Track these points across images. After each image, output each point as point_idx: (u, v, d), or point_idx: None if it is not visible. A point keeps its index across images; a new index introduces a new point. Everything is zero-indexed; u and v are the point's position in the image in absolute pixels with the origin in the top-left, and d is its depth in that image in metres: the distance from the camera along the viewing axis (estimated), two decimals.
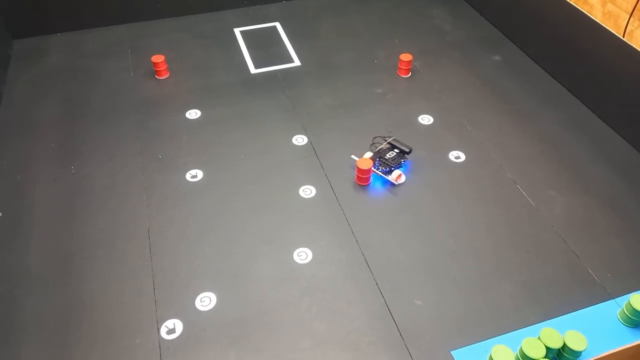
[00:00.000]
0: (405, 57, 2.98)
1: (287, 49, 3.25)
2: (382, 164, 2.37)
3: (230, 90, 2.91)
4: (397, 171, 2.33)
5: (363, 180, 2.32)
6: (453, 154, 2.52)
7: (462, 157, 2.51)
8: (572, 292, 1.93)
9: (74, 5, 3.28)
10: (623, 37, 2.48)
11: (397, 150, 2.41)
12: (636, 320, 1.79)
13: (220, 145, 2.56)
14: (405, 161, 2.42)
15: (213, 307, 1.89)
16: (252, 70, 3.07)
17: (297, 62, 3.13)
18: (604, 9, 2.57)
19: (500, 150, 2.54)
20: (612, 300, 1.90)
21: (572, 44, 2.81)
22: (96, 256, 2.06)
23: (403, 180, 2.33)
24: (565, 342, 1.67)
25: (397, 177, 2.31)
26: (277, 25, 3.48)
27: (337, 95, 2.88)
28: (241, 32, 3.40)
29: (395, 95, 2.89)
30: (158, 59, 2.96)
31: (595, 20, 2.62)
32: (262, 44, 3.30)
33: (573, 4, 2.74)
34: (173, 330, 1.82)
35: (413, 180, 2.38)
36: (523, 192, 2.32)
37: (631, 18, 2.42)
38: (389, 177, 2.33)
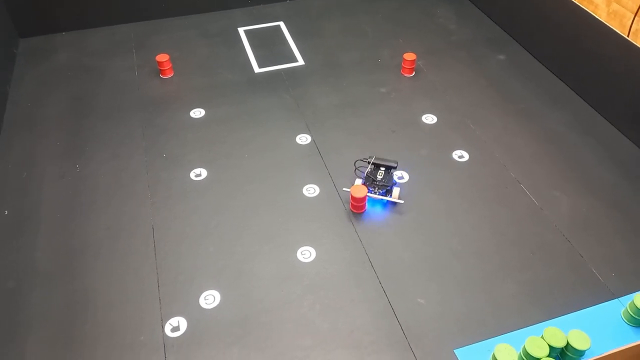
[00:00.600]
0: (409, 56, 2.98)
1: (291, 48, 3.25)
2: (376, 186, 2.23)
3: (234, 90, 2.92)
4: (397, 188, 2.25)
5: (359, 208, 2.20)
6: (457, 154, 2.52)
7: (466, 156, 2.50)
8: (575, 292, 1.93)
9: (80, 4, 3.30)
10: (628, 36, 2.47)
11: (384, 169, 2.28)
12: None
13: (224, 144, 2.57)
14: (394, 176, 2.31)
15: (217, 305, 1.90)
16: (256, 69, 3.08)
17: (301, 62, 3.14)
18: (608, 9, 2.56)
19: (504, 150, 2.53)
20: (616, 299, 1.90)
21: (577, 43, 2.80)
22: (101, 253, 2.07)
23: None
24: (569, 341, 1.67)
25: (397, 195, 2.24)
26: (281, 24, 3.48)
27: (340, 95, 2.88)
28: (245, 32, 3.41)
29: (399, 95, 2.89)
30: (163, 58, 2.97)
31: (600, 19, 2.61)
32: (266, 43, 3.31)
33: (578, 4, 2.74)
34: (177, 328, 1.83)
35: (417, 179, 2.38)
36: (527, 191, 2.32)
37: (636, 17, 2.41)
38: (390, 197, 2.23)
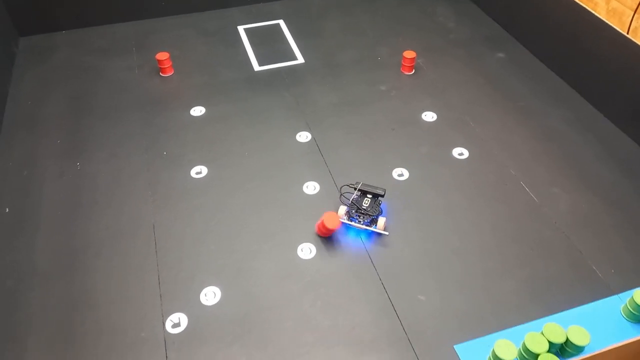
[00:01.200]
0: (409, 54, 2.99)
1: (290, 47, 3.26)
2: (361, 215, 2.10)
3: (234, 88, 2.92)
4: (383, 218, 2.10)
5: (325, 234, 2.07)
6: (456, 151, 2.52)
7: (466, 154, 2.51)
8: (575, 288, 1.94)
9: (79, 3, 3.30)
10: (627, 34, 2.48)
11: (370, 196, 2.15)
12: (639, 315, 1.80)
13: (224, 142, 2.58)
14: (381, 204, 2.16)
15: (218, 302, 1.90)
16: (256, 67, 3.08)
17: (300, 60, 3.14)
18: (608, 6, 2.57)
19: (503, 148, 2.54)
20: (615, 296, 1.90)
21: (576, 41, 2.81)
22: (102, 251, 2.07)
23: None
24: (568, 337, 1.68)
25: (383, 226, 2.09)
26: (281, 22, 3.49)
27: (340, 93, 2.89)
28: (245, 30, 3.41)
29: (398, 93, 2.90)
30: (162, 56, 2.97)
31: (600, 17, 2.61)
32: (266, 41, 3.31)
33: (577, 1, 2.74)
34: (178, 324, 1.83)
35: (417, 176, 2.39)
36: (527, 188, 2.33)
37: (635, 15, 2.42)
38: (375, 228, 2.09)
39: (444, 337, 1.79)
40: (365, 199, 2.15)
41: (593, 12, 2.65)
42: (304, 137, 2.61)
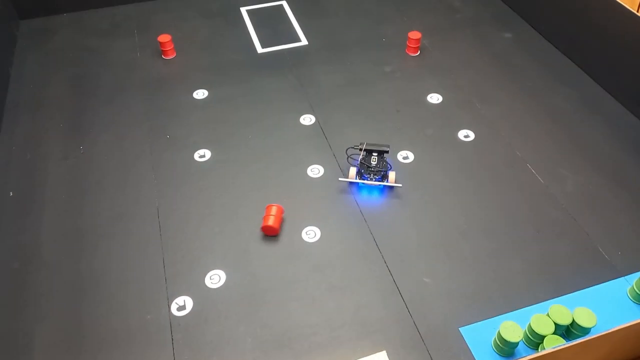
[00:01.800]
0: (414, 35, 2.94)
1: (294, 28, 3.21)
2: (372, 172, 2.19)
3: (237, 70, 2.89)
4: (392, 172, 2.21)
5: (270, 232, 2.05)
6: (462, 133, 2.49)
7: (472, 135, 2.48)
8: (581, 270, 1.92)
9: None
10: (638, 12, 2.42)
11: (376, 154, 2.24)
12: None
13: (227, 124, 2.56)
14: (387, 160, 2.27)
15: (223, 284, 1.90)
16: (259, 49, 3.05)
17: (304, 41, 3.10)
18: None
19: (510, 129, 2.51)
20: (622, 278, 1.89)
21: (585, 20, 2.75)
22: (106, 234, 2.08)
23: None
24: (575, 319, 1.67)
25: (394, 179, 2.20)
26: (284, 3, 3.43)
27: (344, 74, 2.85)
28: (248, 11, 3.37)
29: (403, 74, 2.86)
30: (165, 38, 2.94)
31: None
32: (269, 22, 3.26)
33: None
34: (183, 307, 1.84)
35: (422, 158, 2.37)
36: (533, 170, 2.30)
37: None
38: (387, 182, 2.20)
39: (450, 319, 1.79)
40: (372, 156, 2.23)
41: None
42: (307, 119, 2.59)
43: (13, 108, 2.66)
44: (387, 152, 2.25)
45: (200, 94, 2.74)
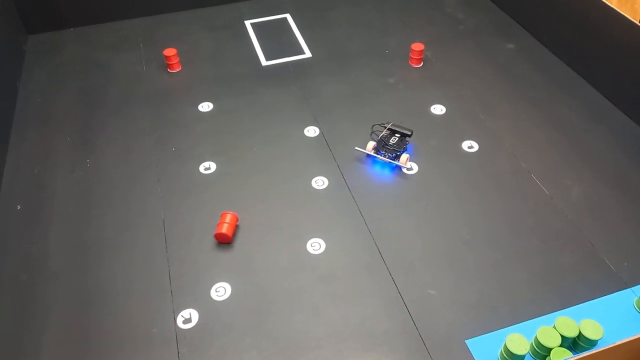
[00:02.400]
0: (417, 46, 2.96)
1: (298, 41, 3.24)
2: (387, 150, 2.36)
3: (241, 83, 2.92)
4: (405, 155, 2.34)
5: (222, 239, 2.08)
6: (466, 144, 2.50)
7: (475, 146, 2.49)
8: (587, 281, 1.92)
9: (87, 0, 3.30)
10: (639, 22, 2.44)
11: (398, 135, 2.40)
12: None
13: (232, 136, 2.58)
14: (407, 144, 2.41)
15: (228, 297, 1.91)
16: (264, 62, 3.07)
17: (308, 54, 3.12)
18: None
19: (514, 139, 2.51)
20: (629, 289, 1.88)
21: (587, 30, 2.76)
22: (113, 246, 2.09)
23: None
24: (581, 331, 1.67)
25: (405, 161, 2.33)
26: (288, 16, 3.47)
27: (348, 86, 2.87)
28: (252, 24, 3.40)
29: (407, 85, 2.87)
30: (170, 52, 2.97)
31: (611, 5, 2.57)
32: (273, 35, 3.30)
33: None
34: (189, 320, 1.84)
35: (426, 169, 2.38)
36: (537, 181, 2.30)
37: None
38: (398, 162, 2.34)
39: (455, 331, 1.79)
40: (394, 137, 2.39)
41: (604, 0, 2.61)
42: (312, 131, 2.60)
43: (21, 121, 2.69)
44: (410, 135, 2.39)
45: (205, 107, 2.76)
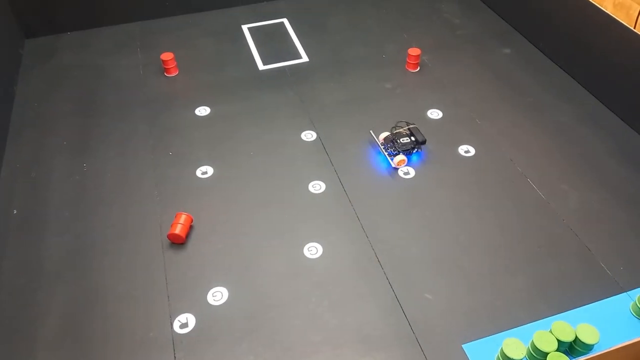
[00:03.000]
0: (414, 51, 2.98)
1: (295, 45, 3.25)
2: (391, 146, 2.39)
3: (239, 87, 2.92)
4: (401, 156, 2.35)
5: (175, 239, 2.09)
6: (463, 148, 2.51)
7: (472, 151, 2.50)
8: (584, 286, 1.92)
9: (84, 4, 3.31)
10: (635, 28, 2.45)
11: (413, 138, 2.41)
12: None
13: (229, 141, 2.58)
14: (419, 151, 2.44)
15: (225, 302, 1.91)
16: (261, 66, 3.08)
17: (305, 58, 3.13)
18: (614, 1, 2.54)
19: (510, 144, 2.52)
20: (625, 293, 1.89)
21: (583, 36, 2.78)
22: (110, 251, 2.08)
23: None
24: (578, 336, 1.67)
25: (398, 162, 2.35)
26: (285, 21, 3.48)
27: (345, 91, 2.88)
28: (249, 29, 3.41)
29: (404, 90, 2.88)
30: (167, 56, 2.98)
31: (606, 11, 2.59)
32: (270, 40, 3.30)
33: None
34: (186, 325, 1.84)
35: (423, 174, 2.38)
36: (534, 185, 2.31)
37: None
38: (392, 160, 2.37)
39: (452, 336, 1.79)
40: (406, 138, 2.40)
41: (600, 6, 2.63)
42: (309, 135, 2.61)
43: (18, 126, 2.68)
44: (422, 143, 2.40)
45: (202, 111, 2.76)
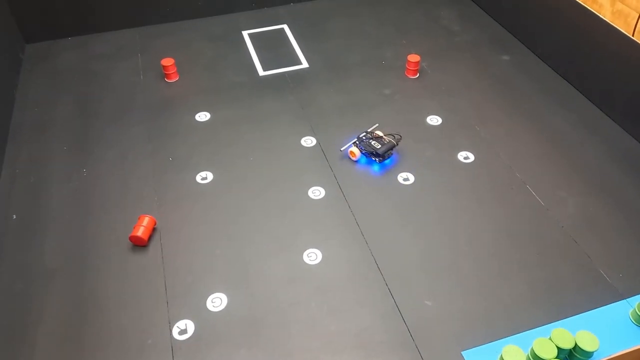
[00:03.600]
0: (413, 58, 2.99)
1: (295, 51, 3.26)
2: (362, 141, 2.47)
3: (239, 93, 2.93)
4: (354, 148, 2.46)
5: (137, 241, 2.09)
6: (462, 155, 2.52)
7: (471, 157, 2.50)
8: (583, 293, 1.92)
9: (85, 9, 3.32)
10: (633, 36, 2.47)
11: (379, 147, 2.42)
12: None
13: (229, 147, 2.58)
14: (375, 161, 2.46)
15: (224, 308, 1.90)
16: (261, 72, 3.09)
17: (305, 64, 3.14)
18: (613, 8, 2.56)
19: (509, 151, 2.53)
20: (624, 300, 1.89)
21: (582, 43, 2.80)
22: (108, 256, 2.08)
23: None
24: (577, 343, 1.67)
25: (350, 152, 2.47)
26: (285, 27, 3.49)
27: (345, 97, 2.89)
28: (249, 35, 3.42)
29: (403, 96, 2.89)
30: (168, 62, 2.99)
31: (605, 19, 2.61)
32: (270, 46, 3.32)
33: (582, 3, 2.73)
34: (185, 331, 1.84)
35: (422, 180, 2.38)
36: (533, 192, 2.32)
37: None
38: (348, 146, 2.50)
39: (452, 342, 1.79)
40: (378, 142, 2.44)
41: (598, 14, 2.64)
42: (308, 141, 2.61)
43: (17, 130, 2.68)
44: (378, 155, 2.43)
45: (202, 116, 2.77)
